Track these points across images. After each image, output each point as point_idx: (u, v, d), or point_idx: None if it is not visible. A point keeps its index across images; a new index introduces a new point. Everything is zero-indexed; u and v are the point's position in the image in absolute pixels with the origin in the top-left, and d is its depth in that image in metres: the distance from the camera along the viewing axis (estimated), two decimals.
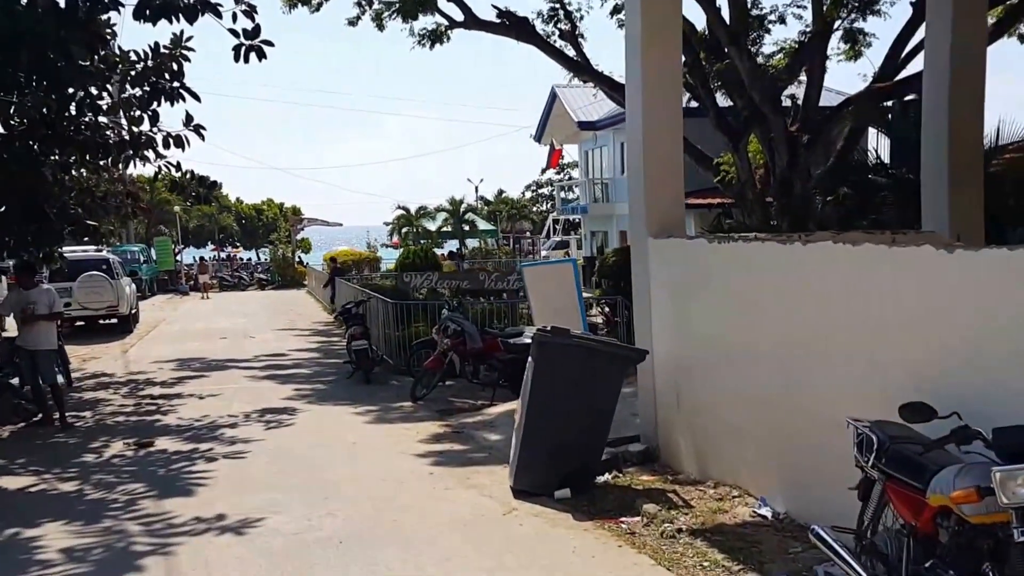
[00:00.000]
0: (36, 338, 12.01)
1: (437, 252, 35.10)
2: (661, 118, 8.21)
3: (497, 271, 18.46)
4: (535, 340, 7.40)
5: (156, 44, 12.45)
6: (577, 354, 7.28)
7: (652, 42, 8.13)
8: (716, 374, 7.14)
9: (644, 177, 8.21)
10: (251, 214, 62.05)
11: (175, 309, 34.06)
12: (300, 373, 16.56)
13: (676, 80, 8.60)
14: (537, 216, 60.80)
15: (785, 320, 6.03)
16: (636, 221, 8.49)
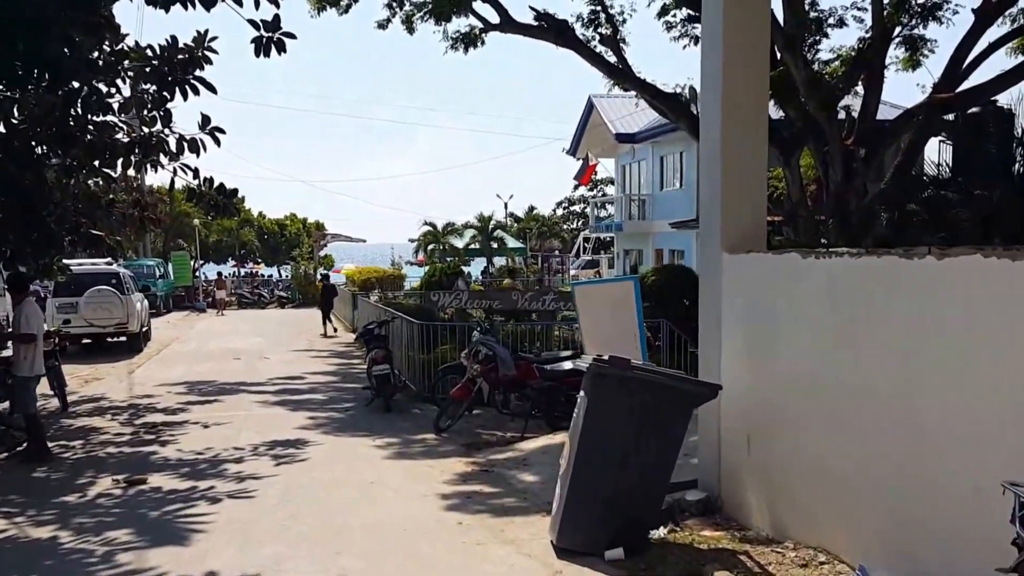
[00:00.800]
0: (15, 361, 11.25)
1: (464, 270, 34.30)
2: (742, 111, 7.19)
3: (530, 290, 17.50)
4: (590, 372, 6.38)
5: (173, 38, 11.63)
6: (639, 389, 6.25)
7: (736, 27, 7.16)
8: (805, 416, 6.06)
9: (721, 182, 7.19)
10: (274, 229, 61.32)
11: (190, 327, 33.32)
12: (316, 399, 15.62)
13: (763, 59, 7.56)
14: (568, 234, 59.74)
15: (909, 355, 4.95)
16: (708, 234, 7.46)
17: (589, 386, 6.45)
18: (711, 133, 7.45)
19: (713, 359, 7.26)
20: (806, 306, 5.91)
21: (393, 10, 22.22)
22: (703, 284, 7.63)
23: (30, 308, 11.30)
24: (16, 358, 11.21)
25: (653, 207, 35.07)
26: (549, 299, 15.30)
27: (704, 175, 7.63)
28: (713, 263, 7.35)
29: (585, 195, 64.91)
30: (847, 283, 5.42)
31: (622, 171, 39.41)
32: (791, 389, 6.19)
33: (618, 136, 34.88)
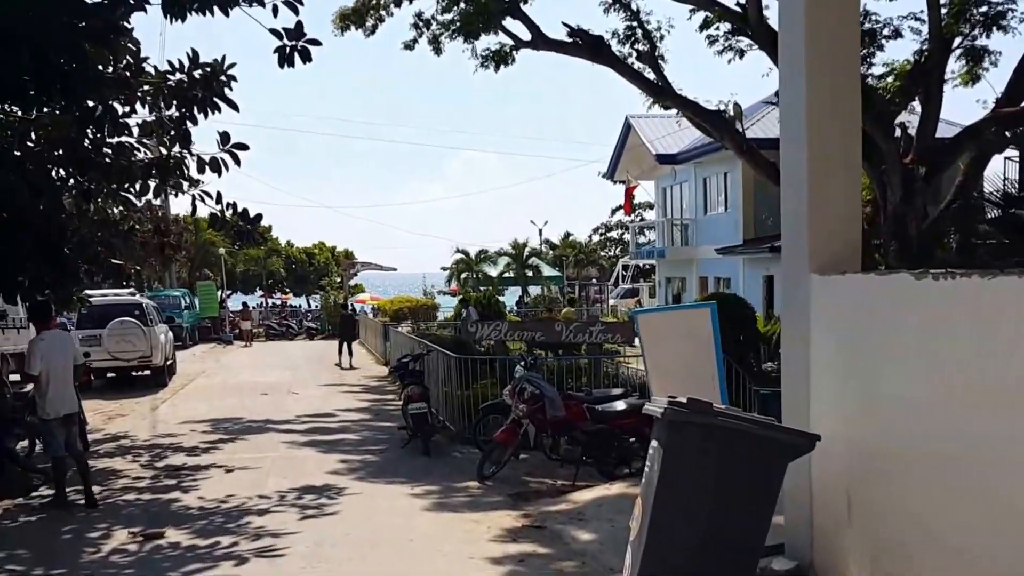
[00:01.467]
0: (36, 400, 10.70)
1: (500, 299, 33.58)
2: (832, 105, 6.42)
3: (576, 321, 16.74)
4: (665, 419, 5.59)
5: (194, 51, 11.12)
6: (726, 440, 5.47)
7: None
8: (925, 475, 5.23)
9: (808, 190, 6.38)
10: (302, 258, 61.08)
11: (216, 360, 32.87)
12: (347, 439, 14.94)
13: (853, 39, 6.80)
14: (607, 261, 58.90)
15: None
16: (792, 253, 6.66)
17: (664, 435, 5.67)
18: (794, 132, 6.67)
19: (800, 400, 6.45)
20: (930, 338, 5.09)
21: (420, 30, 21.86)
22: (786, 312, 6.83)
23: (40, 343, 10.60)
24: (36, 397, 10.72)
25: (697, 232, 34.21)
26: (596, 330, 14.55)
27: (787, 183, 6.85)
28: (798, 287, 6.54)
29: (623, 220, 64.19)
30: (988, 311, 4.60)
31: (663, 194, 38.54)
32: (909, 437, 5.37)
33: (658, 157, 33.99)
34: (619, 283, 52.62)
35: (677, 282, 37.54)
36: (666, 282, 38.71)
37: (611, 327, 15.42)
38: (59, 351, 10.60)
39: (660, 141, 34.34)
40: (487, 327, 15.51)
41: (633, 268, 52.67)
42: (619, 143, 38.40)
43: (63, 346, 10.82)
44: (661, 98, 21.38)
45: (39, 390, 10.49)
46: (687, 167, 33.73)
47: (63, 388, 10.47)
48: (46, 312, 11.31)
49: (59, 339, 10.95)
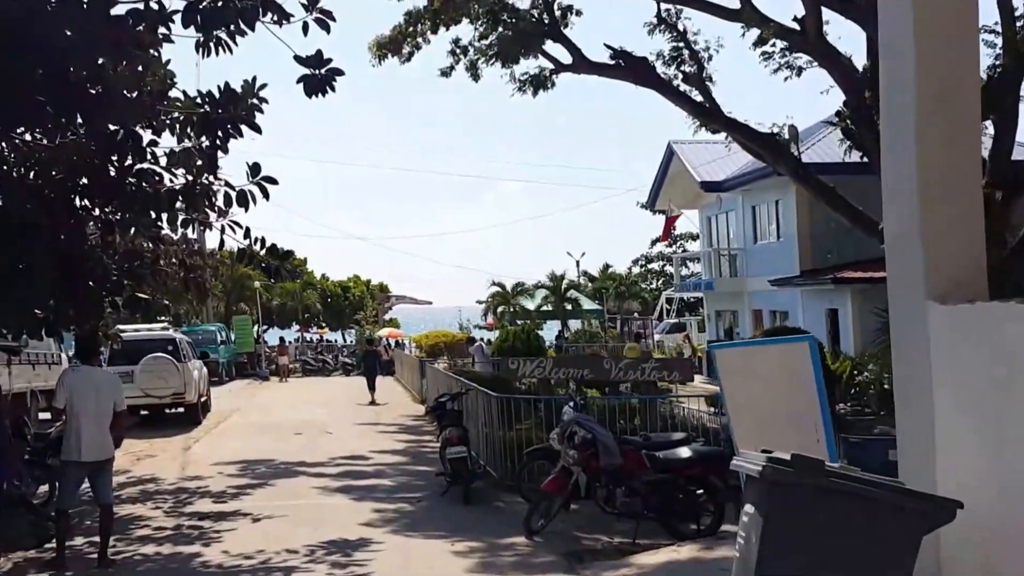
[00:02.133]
0: None
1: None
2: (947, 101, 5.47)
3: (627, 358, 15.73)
4: (765, 480, 4.59)
5: (227, 85, 10.43)
6: (844, 508, 4.47)
7: None
8: None
9: (919, 204, 5.42)
10: (337, 292, 60.46)
11: (252, 397, 32.17)
12: (382, 485, 14.01)
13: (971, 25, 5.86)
14: (649, 294, 57.69)
15: None
16: (901, 279, 5.66)
17: (765, 501, 4.66)
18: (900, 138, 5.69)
19: (922, 455, 5.42)
20: None
21: (457, 57, 21.58)
22: (897, 348, 5.80)
23: (69, 376, 9.82)
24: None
25: (746, 263, 32.97)
26: (649, 368, 13.54)
27: (891, 199, 5.85)
28: (911, 320, 5.52)
29: (664, 251, 63.01)
30: None
31: (708, 224, 37.37)
32: None
33: (703, 185, 32.77)
34: (663, 317, 51.36)
35: (728, 316, 36.18)
36: (716, 316, 37.36)
37: (666, 364, 14.40)
38: (93, 389, 9.41)
39: (705, 168, 33.15)
40: (529, 364, 14.56)
41: (678, 301, 51.41)
42: (660, 171, 37.27)
43: (100, 385, 9.56)
44: (709, 121, 20.62)
45: (67, 428, 9.64)
46: (734, 195, 32.56)
47: (92, 431, 9.21)
48: (90, 346, 10.35)
49: (97, 377, 9.75)
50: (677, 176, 35.36)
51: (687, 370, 13.98)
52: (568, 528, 10.45)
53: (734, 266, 34.14)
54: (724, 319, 36.53)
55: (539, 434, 13.12)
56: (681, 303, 51.82)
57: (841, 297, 25.73)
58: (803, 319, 26.40)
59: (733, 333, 34.81)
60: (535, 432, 13.14)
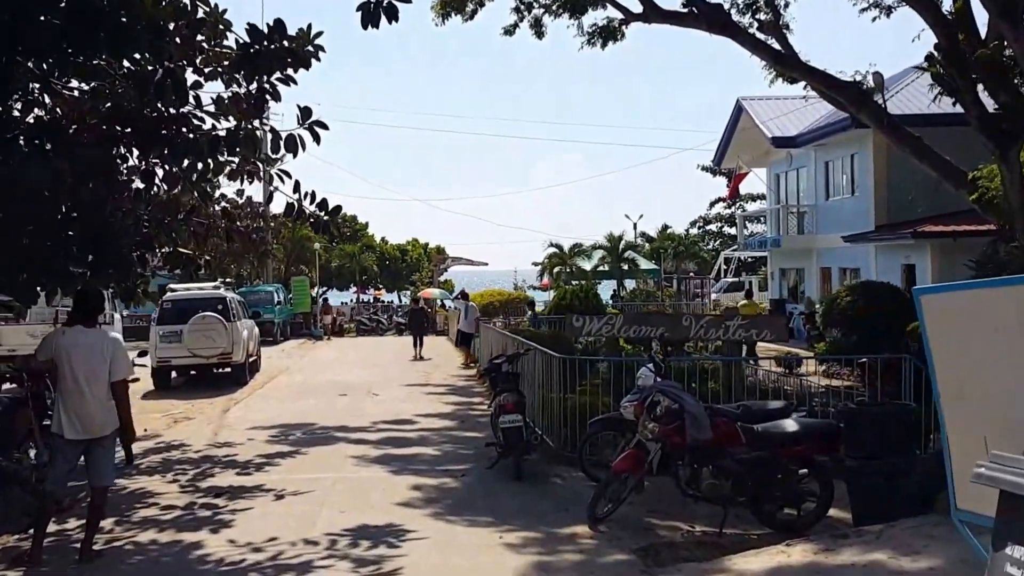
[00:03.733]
0: None
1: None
2: None
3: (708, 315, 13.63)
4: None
5: (278, 20, 8.81)
6: None
7: None
8: None
9: None
10: (395, 254, 58.82)
11: (303, 356, 30.61)
12: (425, 455, 12.16)
13: None
14: (707, 254, 55.09)
15: None
16: None
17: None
18: None
19: None
20: None
21: (521, 13, 20.00)
22: None
23: (59, 338, 7.79)
24: None
25: (816, 219, 30.71)
26: (734, 326, 11.43)
27: None
28: None
29: (722, 212, 60.45)
30: None
31: (775, 181, 35.08)
32: None
33: (774, 140, 30.64)
34: (720, 276, 48.96)
35: (792, 274, 34.19)
36: (780, 274, 35.27)
37: (756, 321, 12.19)
38: (86, 353, 7.52)
39: (775, 124, 31.06)
40: (596, 321, 12.52)
41: (735, 261, 49.10)
42: (728, 128, 35.12)
43: (95, 349, 7.59)
44: (788, 69, 18.79)
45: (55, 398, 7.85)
46: (805, 151, 30.36)
47: (82, 403, 7.45)
48: (89, 303, 8.02)
49: (92, 339, 7.69)
50: (745, 133, 33.30)
51: (780, 328, 11.84)
52: (638, 512, 8.53)
53: (802, 223, 31.97)
54: (789, 277, 34.55)
55: (604, 400, 11.18)
56: (738, 263, 49.44)
57: (919, 252, 23.69)
58: (876, 275, 24.14)
59: (798, 290, 32.82)
60: (600, 398, 11.21)
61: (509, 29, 20.27)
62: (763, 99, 32.57)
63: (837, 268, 28.90)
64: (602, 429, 10.20)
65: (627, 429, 9.61)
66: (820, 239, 29.72)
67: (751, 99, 33.39)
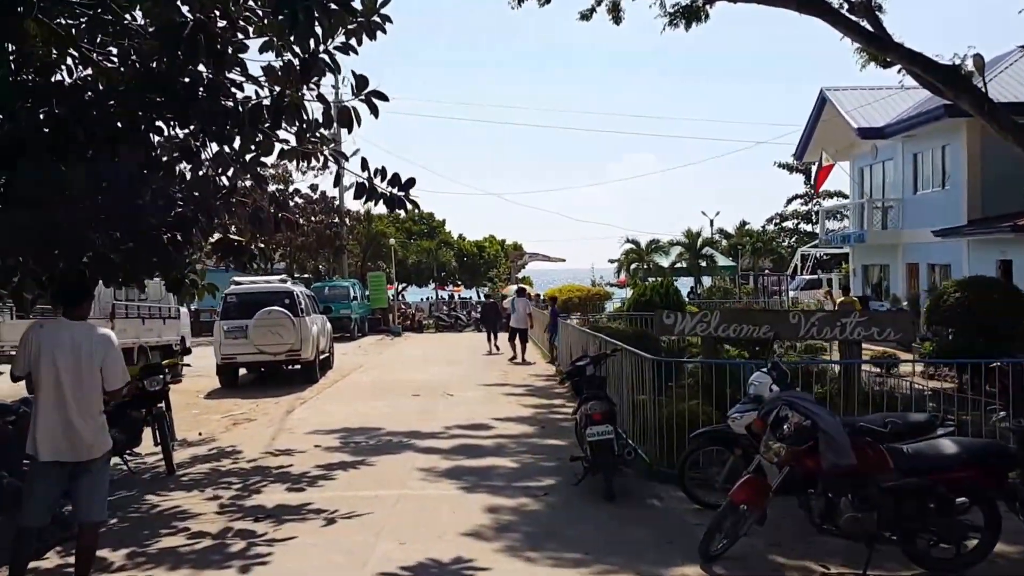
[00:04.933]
0: None
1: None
2: None
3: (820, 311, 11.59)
4: None
5: None
6: None
7: None
8: None
9: None
10: (473, 251, 57.14)
11: (379, 353, 29.12)
12: (502, 467, 10.36)
13: None
14: (785, 251, 52.30)
15: None
16: None
17: None
18: None
19: None
20: None
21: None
22: None
23: (38, 332, 5.96)
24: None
25: (902, 214, 28.14)
26: (851, 324, 9.41)
27: None
28: None
29: (799, 209, 57.60)
30: None
31: (859, 174, 32.53)
32: None
33: (861, 131, 28.19)
34: (797, 273, 46.28)
35: (876, 270, 31.58)
36: (863, 270, 32.65)
37: (878, 319, 10.09)
38: (68, 353, 5.82)
39: (860, 114, 28.62)
40: (689, 319, 10.60)
41: (812, 258, 46.42)
42: (811, 119, 32.66)
43: (81, 348, 5.88)
44: (881, 51, 16.78)
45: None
46: (892, 143, 27.92)
47: (65, 417, 5.74)
48: (73, 291, 6.26)
49: (77, 336, 5.92)
50: (829, 125, 30.90)
51: (907, 326, 9.78)
52: (759, 547, 6.66)
53: (886, 218, 29.40)
54: (872, 273, 31.94)
55: (705, 408, 9.28)
56: (815, 260, 46.73)
57: (1017, 246, 21.14)
58: (968, 271, 21.67)
59: (882, 287, 30.28)
60: (700, 406, 9.30)
61: (586, 14, 18.62)
62: (847, 89, 30.49)
63: (925, 264, 26.43)
64: (706, 444, 8.32)
65: (736, 444, 7.78)
66: (907, 234, 27.26)
67: (835, 89, 31.10)
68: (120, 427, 10.25)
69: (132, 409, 10.37)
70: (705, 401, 9.56)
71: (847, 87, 30.84)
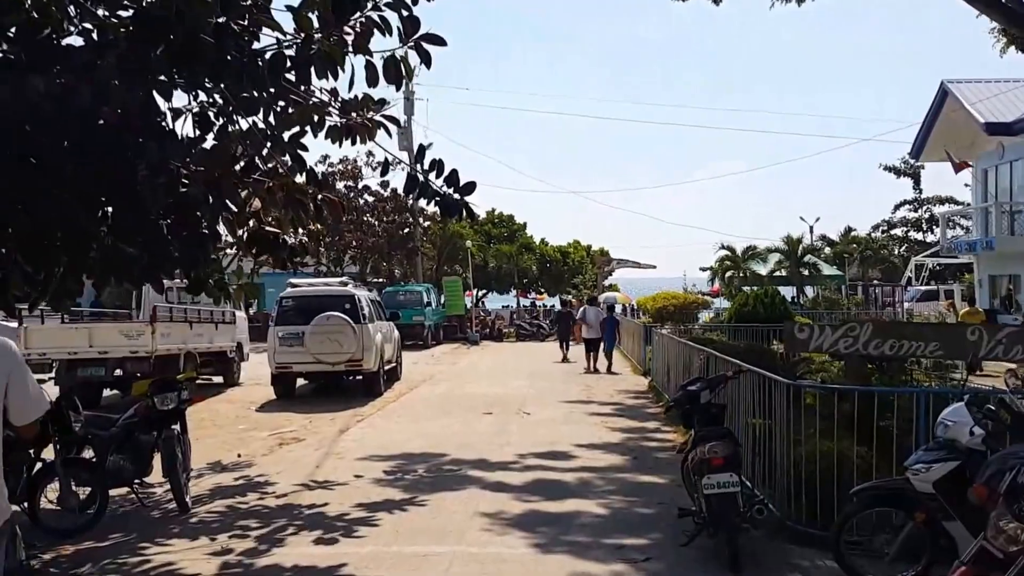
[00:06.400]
0: None
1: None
2: None
3: (1010, 327, 9.29)
4: None
5: None
6: None
7: None
8: None
9: None
10: (557, 257, 54.91)
11: (454, 363, 27.33)
12: (586, 514, 8.27)
13: None
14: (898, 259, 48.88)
15: None
16: None
17: None
18: None
19: None
20: None
21: None
22: None
23: None
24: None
25: None
26: None
27: None
28: None
29: (908, 216, 54.14)
30: None
31: (983, 176, 29.61)
32: None
33: (988, 127, 25.59)
34: (911, 283, 42.99)
35: (1003, 281, 28.56)
36: (989, 281, 29.61)
37: None
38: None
39: (987, 107, 25.86)
40: (830, 333, 8.37)
41: (926, 268, 43.12)
42: (929, 115, 29.85)
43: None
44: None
45: None
46: (1022, 140, 24.96)
47: None
48: None
49: None
50: (951, 119, 28.08)
51: None
52: None
53: (1014, 224, 26.48)
54: (1000, 284, 28.85)
55: (860, 451, 7.07)
56: (928, 270, 43.43)
57: None
58: None
59: (1013, 300, 27.26)
60: (853, 447, 7.09)
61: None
62: (971, 82, 28.00)
63: None
64: (873, 504, 6.13)
65: (917, 507, 5.64)
66: None
67: (957, 82, 28.39)
68: (127, 454, 8.61)
69: (141, 432, 8.70)
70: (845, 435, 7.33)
71: (971, 79, 28.24)
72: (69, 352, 15.37)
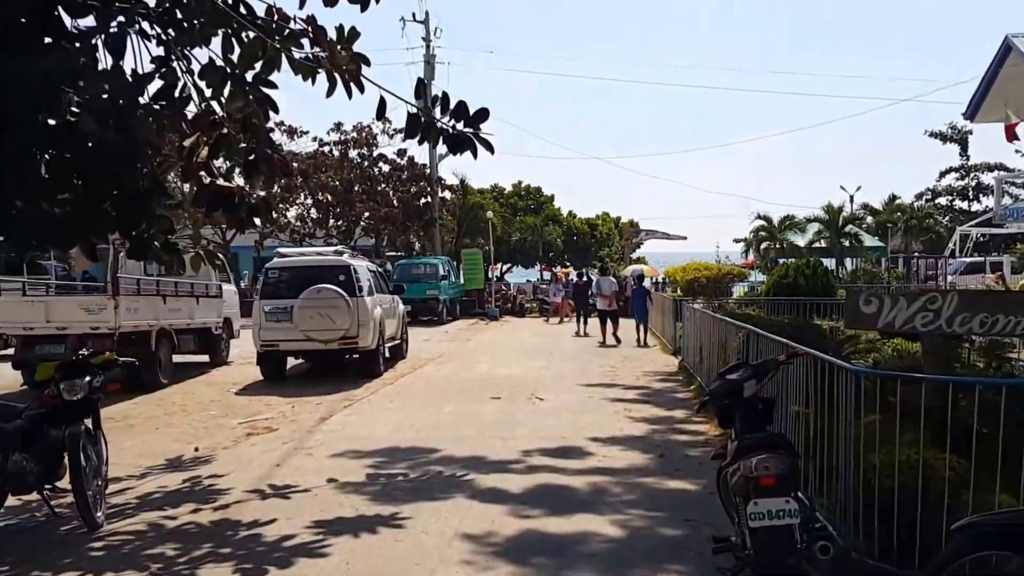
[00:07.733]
0: None
1: None
2: None
3: None
4: None
5: None
6: None
7: None
8: None
9: None
10: (584, 229, 52.93)
11: (467, 340, 25.71)
12: (597, 537, 6.55)
13: None
14: (944, 229, 46.60)
15: None
16: None
17: None
18: None
19: None
20: None
21: None
22: None
23: None
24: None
25: None
26: None
27: None
28: None
29: (954, 185, 51.79)
30: None
31: None
32: None
33: None
34: (956, 255, 40.81)
35: None
36: None
37: None
38: None
39: None
40: (904, 305, 6.61)
41: (971, 238, 40.90)
42: (989, 72, 27.37)
43: None
44: None
45: None
46: None
47: None
48: None
49: None
50: (1013, 74, 25.66)
51: None
52: None
53: None
54: None
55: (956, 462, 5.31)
56: (974, 241, 41.23)
57: None
58: None
59: None
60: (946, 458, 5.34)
61: None
62: None
63: None
64: (985, 547, 4.39)
65: None
66: None
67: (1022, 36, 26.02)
68: (33, 452, 7.01)
69: (51, 426, 7.11)
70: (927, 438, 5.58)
71: None
72: (24, 327, 13.90)
